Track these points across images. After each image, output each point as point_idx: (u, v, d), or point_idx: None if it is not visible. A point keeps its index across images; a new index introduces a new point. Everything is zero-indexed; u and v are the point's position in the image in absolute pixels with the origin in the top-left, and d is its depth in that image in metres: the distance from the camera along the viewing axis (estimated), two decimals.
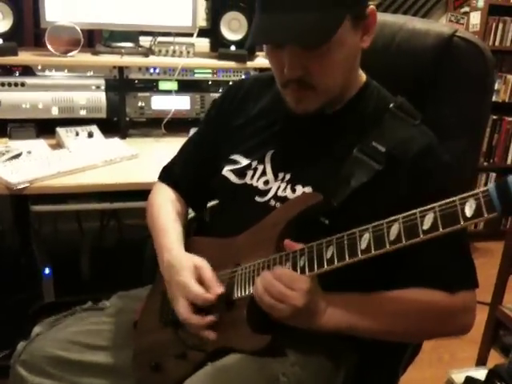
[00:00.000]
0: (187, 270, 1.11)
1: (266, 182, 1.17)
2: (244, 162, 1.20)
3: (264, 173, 1.17)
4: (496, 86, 3.45)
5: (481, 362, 2.24)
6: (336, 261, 0.94)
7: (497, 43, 3.45)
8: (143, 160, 1.93)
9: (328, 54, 1.01)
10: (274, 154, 1.18)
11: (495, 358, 2.20)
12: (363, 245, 0.91)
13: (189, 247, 1.20)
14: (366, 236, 0.91)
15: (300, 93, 1.07)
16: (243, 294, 1.06)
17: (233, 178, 1.20)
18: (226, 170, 1.21)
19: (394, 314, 1.06)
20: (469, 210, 0.80)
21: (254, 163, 1.19)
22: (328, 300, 1.03)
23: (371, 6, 1.05)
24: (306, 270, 0.98)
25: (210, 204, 1.41)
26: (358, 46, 1.07)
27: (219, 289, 1.07)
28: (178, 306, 1.10)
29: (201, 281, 1.09)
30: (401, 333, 1.09)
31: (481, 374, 1.79)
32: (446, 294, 1.05)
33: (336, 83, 1.08)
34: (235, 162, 1.21)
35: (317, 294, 1.00)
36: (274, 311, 0.98)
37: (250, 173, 1.19)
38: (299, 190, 1.12)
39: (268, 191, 1.16)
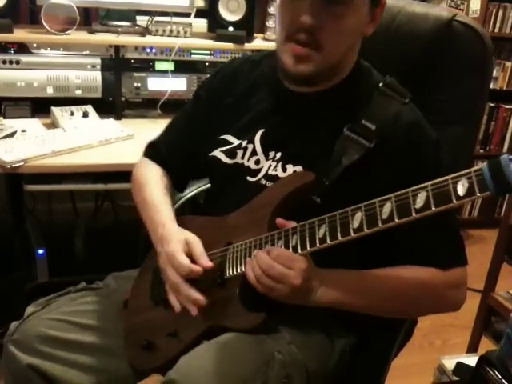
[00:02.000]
0: (177, 242, 1.11)
1: (257, 162, 1.17)
2: (235, 141, 1.20)
3: (254, 152, 1.17)
4: (494, 74, 3.44)
5: (472, 348, 2.25)
6: (328, 240, 0.95)
7: (496, 30, 3.43)
8: (139, 141, 1.91)
9: (343, 15, 1.02)
10: (264, 133, 1.17)
11: (486, 345, 2.22)
12: (355, 224, 0.92)
13: (180, 226, 1.20)
14: (359, 215, 0.91)
15: (304, 49, 1.05)
16: (235, 272, 1.07)
17: (224, 158, 1.20)
18: (218, 151, 1.21)
19: (386, 289, 1.07)
20: (461, 189, 0.80)
21: (244, 143, 1.18)
22: (322, 276, 1.04)
23: None
24: (298, 248, 0.99)
25: (203, 188, 1.41)
26: (364, 28, 1.08)
27: (207, 262, 1.07)
28: (167, 274, 1.11)
29: (190, 256, 1.09)
30: (394, 308, 1.11)
31: (472, 360, 1.80)
32: (439, 271, 1.07)
33: (338, 50, 1.08)
34: (226, 143, 1.21)
35: (312, 272, 1.01)
36: (273, 291, 0.99)
37: (240, 152, 1.18)
38: (290, 168, 1.12)
39: (259, 170, 1.16)
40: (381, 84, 1.12)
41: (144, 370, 1.17)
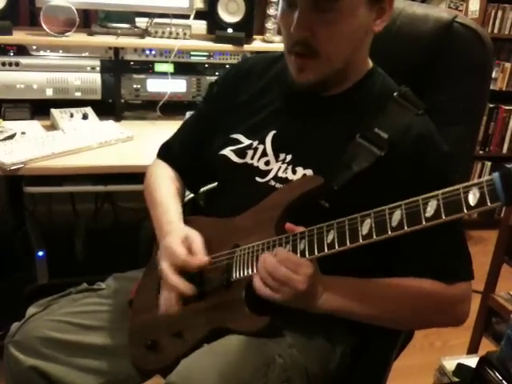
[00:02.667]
0: (177, 235, 1.12)
1: (267, 163, 1.16)
2: (245, 141, 1.20)
3: (265, 153, 1.17)
4: (493, 75, 3.44)
5: (472, 349, 2.25)
6: (337, 245, 0.94)
7: (495, 31, 3.43)
8: (138, 143, 1.92)
9: (336, 20, 1.01)
10: (275, 134, 1.17)
11: (487, 346, 2.21)
12: (364, 230, 0.91)
13: (187, 226, 1.19)
14: (368, 221, 0.91)
15: (303, 60, 1.07)
16: (242, 275, 1.06)
17: (233, 157, 1.19)
18: (228, 150, 1.20)
19: (390, 301, 1.07)
20: (472, 199, 0.79)
21: (255, 143, 1.18)
22: (326, 283, 1.03)
23: None
24: (306, 253, 0.98)
25: (205, 188, 1.41)
26: (370, 26, 1.07)
27: (204, 258, 1.08)
28: (161, 265, 1.11)
29: (190, 251, 1.10)
30: (396, 319, 1.10)
31: (472, 361, 1.79)
32: (444, 285, 1.06)
33: (340, 54, 1.08)
34: (236, 142, 1.20)
35: (317, 278, 1.00)
36: (277, 294, 0.98)
37: (250, 152, 1.18)
38: (300, 171, 1.12)
39: (269, 172, 1.15)
40: (395, 93, 1.12)
41: (148, 371, 1.17)
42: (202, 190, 1.41)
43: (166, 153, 1.36)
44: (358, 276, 1.07)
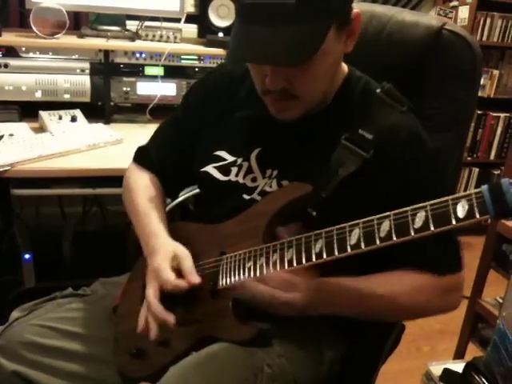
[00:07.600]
0: (164, 256, 1.10)
1: (254, 179, 1.15)
2: (229, 158, 1.18)
3: (250, 170, 1.16)
4: (482, 81, 3.46)
5: (459, 354, 2.26)
6: (325, 255, 0.94)
7: (484, 38, 3.47)
8: (128, 145, 1.91)
9: (312, 66, 0.98)
10: (260, 152, 1.16)
11: (473, 351, 2.23)
12: (353, 240, 0.91)
13: (173, 232, 1.19)
14: (356, 231, 0.90)
15: (281, 103, 1.05)
16: (228, 283, 1.05)
17: (217, 174, 1.18)
18: (210, 167, 1.19)
19: (386, 296, 1.06)
20: (461, 211, 0.79)
21: (240, 160, 1.17)
22: (320, 289, 1.03)
23: (355, 10, 1.03)
24: (294, 262, 0.98)
25: (191, 193, 1.40)
26: (342, 51, 1.06)
27: (196, 278, 1.06)
28: (147, 288, 1.09)
29: (178, 270, 1.08)
30: (392, 314, 1.12)
31: (459, 366, 1.80)
32: (436, 277, 1.07)
33: (319, 91, 1.07)
34: (219, 159, 1.19)
35: (311, 290, 1.01)
36: (270, 309, 0.99)
37: (234, 170, 1.17)
38: (286, 184, 1.11)
39: (256, 188, 1.14)
40: (378, 90, 1.11)
41: (133, 378, 1.15)
42: (187, 195, 1.40)
43: (144, 158, 1.33)
44: (349, 269, 1.05)
